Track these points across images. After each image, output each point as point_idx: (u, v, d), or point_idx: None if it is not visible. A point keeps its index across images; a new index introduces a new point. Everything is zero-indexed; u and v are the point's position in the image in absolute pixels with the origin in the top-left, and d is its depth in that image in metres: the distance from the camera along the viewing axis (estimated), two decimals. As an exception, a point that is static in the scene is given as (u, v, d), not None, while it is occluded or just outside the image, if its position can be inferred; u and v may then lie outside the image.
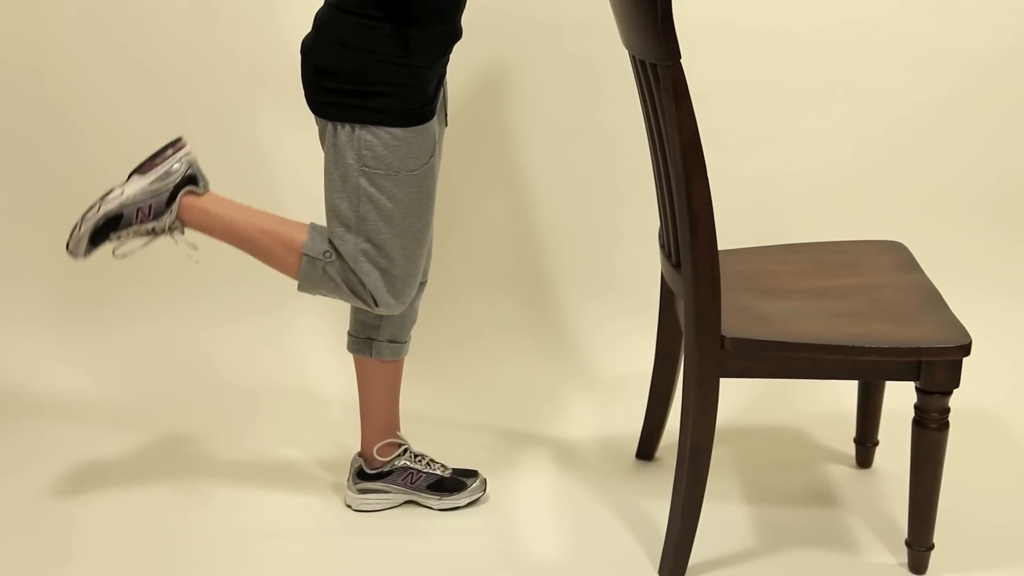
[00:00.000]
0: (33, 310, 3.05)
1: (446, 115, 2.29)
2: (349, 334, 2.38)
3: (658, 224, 2.97)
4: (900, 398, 2.72)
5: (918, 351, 2.01)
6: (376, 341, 2.35)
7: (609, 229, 3.09)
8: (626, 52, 2.91)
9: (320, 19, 2.09)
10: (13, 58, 2.97)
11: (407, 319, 2.37)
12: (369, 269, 2.16)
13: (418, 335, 2.95)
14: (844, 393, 2.88)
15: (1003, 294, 3.08)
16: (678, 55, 1.92)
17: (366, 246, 2.15)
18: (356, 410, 2.78)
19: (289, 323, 3.05)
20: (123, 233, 2.20)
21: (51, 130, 3.01)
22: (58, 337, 3.02)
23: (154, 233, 2.22)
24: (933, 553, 2.21)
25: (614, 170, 3.06)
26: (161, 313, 3.06)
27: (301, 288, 2.22)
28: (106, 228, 2.19)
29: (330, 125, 2.10)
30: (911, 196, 3.08)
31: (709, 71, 2.96)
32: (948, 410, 2.08)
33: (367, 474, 2.41)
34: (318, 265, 2.18)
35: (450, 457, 2.61)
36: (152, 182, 2.19)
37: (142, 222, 2.19)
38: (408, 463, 2.42)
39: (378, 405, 2.40)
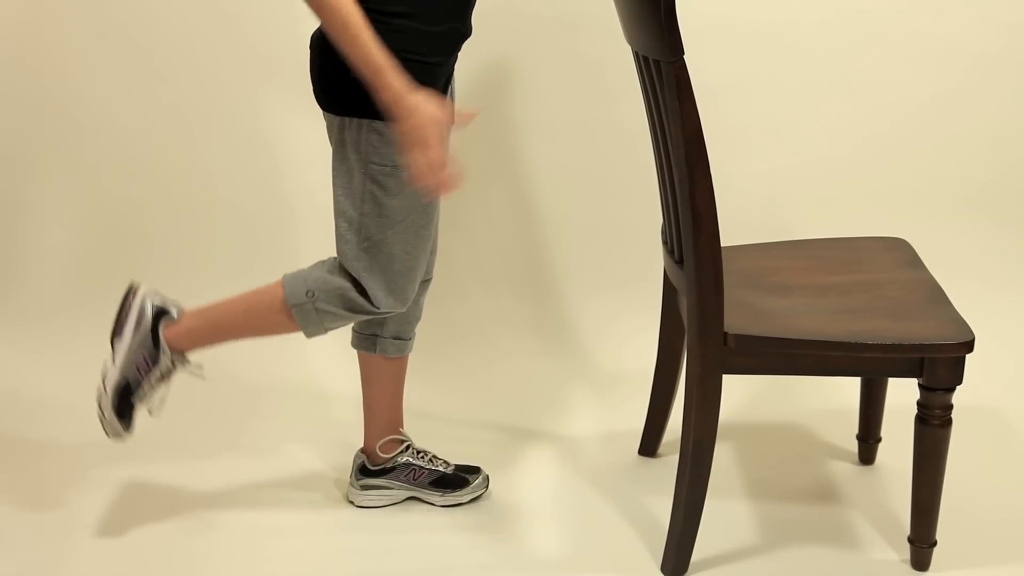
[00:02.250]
0: (30, 309, 3.05)
1: (452, 113, 2.28)
2: (353, 330, 2.38)
3: (661, 220, 2.97)
4: (903, 395, 2.72)
5: (921, 348, 2.01)
6: (380, 338, 2.35)
7: (612, 225, 3.09)
8: (629, 48, 2.91)
9: None
10: (12, 53, 2.97)
11: (412, 316, 2.36)
12: (370, 267, 2.16)
13: (422, 332, 2.94)
14: (847, 390, 2.88)
15: (1007, 290, 3.08)
16: (681, 51, 1.92)
17: (367, 243, 2.15)
18: (359, 406, 2.78)
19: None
20: (142, 393, 2.24)
21: (50, 126, 3.01)
22: (58, 335, 3.02)
23: (164, 377, 2.25)
24: (936, 550, 2.21)
25: (617, 166, 3.05)
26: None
27: (310, 335, 2.22)
28: (125, 399, 2.24)
29: (337, 120, 2.10)
30: (914, 192, 3.07)
31: (712, 67, 2.96)
32: (951, 407, 2.08)
33: (370, 470, 2.42)
34: (308, 308, 2.18)
35: (453, 453, 2.61)
36: (131, 337, 2.22)
37: (148, 375, 2.23)
38: (411, 459, 2.42)
39: (381, 401, 2.40)
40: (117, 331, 2.23)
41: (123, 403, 2.23)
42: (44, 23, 2.96)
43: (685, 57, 1.94)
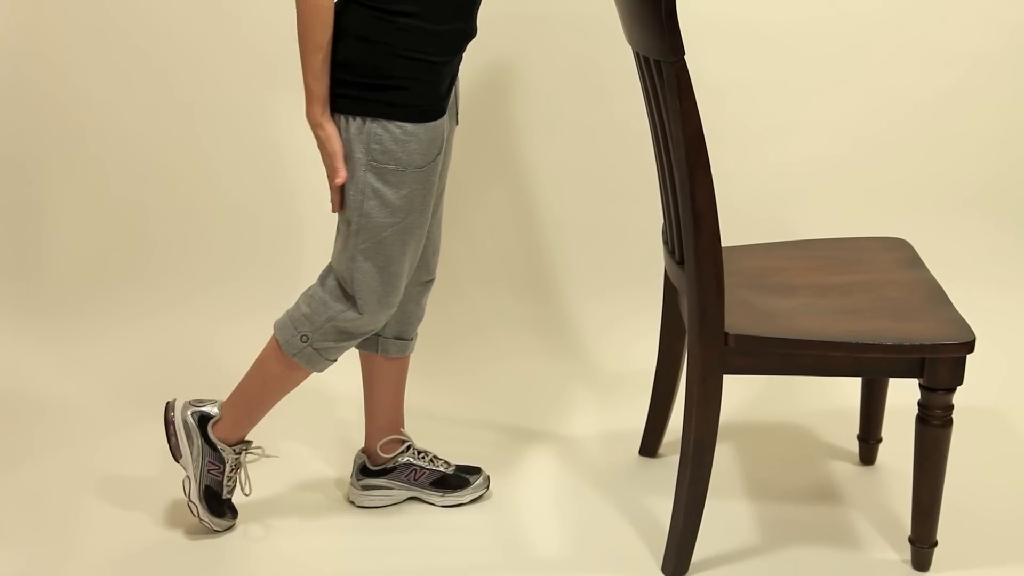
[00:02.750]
0: (30, 309, 3.05)
1: (456, 113, 2.29)
2: (354, 331, 2.38)
3: (661, 221, 2.97)
4: (904, 395, 2.72)
5: (921, 348, 2.01)
6: (382, 338, 2.35)
7: (613, 226, 3.09)
8: (630, 49, 2.91)
9: (335, 12, 2.08)
10: (17, 56, 2.97)
11: (413, 316, 2.36)
12: (367, 268, 2.16)
13: (423, 332, 2.94)
14: (847, 390, 2.88)
15: (1008, 291, 3.08)
16: (682, 52, 1.92)
17: (367, 244, 2.14)
18: (360, 406, 2.78)
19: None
20: (227, 488, 2.31)
21: (52, 127, 3.01)
22: (56, 336, 3.03)
23: (236, 468, 2.31)
24: (936, 550, 2.21)
25: (618, 166, 3.05)
26: (162, 310, 3.06)
27: (321, 371, 2.26)
28: (216, 500, 2.30)
29: (340, 118, 2.10)
30: (915, 192, 3.07)
31: (713, 67, 2.96)
32: (952, 407, 2.08)
33: (370, 470, 2.42)
34: (308, 351, 2.22)
35: (453, 454, 2.61)
36: (190, 450, 2.29)
37: (222, 473, 2.29)
38: (411, 460, 2.42)
39: (383, 401, 2.40)
40: (175, 453, 2.30)
41: (216, 504, 2.30)
42: (47, 25, 2.96)
43: (686, 57, 1.94)
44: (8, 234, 3.06)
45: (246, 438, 2.32)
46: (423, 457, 2.43)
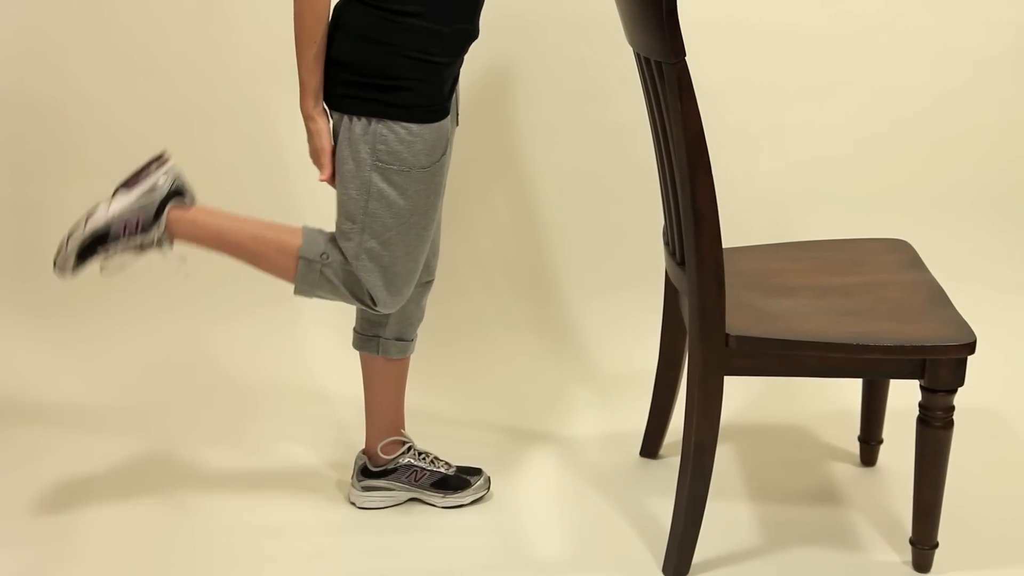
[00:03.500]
0: (30, 309, 3.05)
1: (457, 114, 2.29)
2: (355, 331, 2.38)
3: (662, 222, 2.97)
4: (905, 396, 2.72)
5: (922, 349, 2.01)
6: (382, 339, 2.35)
7: (614, 227, 3.09)
8: (631, 50, 2.91)
9: (339, 11, 2.08)
10: (14, 55, 2.97)
11: (413, 317, 2.36)
12: (371, 267, 2.16)
13: (424, 333, 2.94)
14: (848, 391, 2.88)
15: (1009, 292, 3.08)
16: (683, 53, 1.92)
17: (371, 244, 2.15)
18: (361, 407, 2.78)
19: (293, 320, 3.05)
20: (111, 248, 2.19)
21: (51, 129, 3.01)
22: (56, 336, 3.02)
23: (142, 248, 2.21)
24: (937, 551, 2.21)
25: (619, 168, 3.05)
26: (162, 311, 3.06)
27: (298, 292, 2.21)
28: (94, 244, 2.18)
29: (345, 118, 2.10)
30: (916, 194, 3.07)
31: (714, 68, 2.96)
32: (952, 408, 2.08)
33: (371, 471, 2.42)
34: (315, 267, 2.18)
35: (454, 455, 2.61)
36: (138, 197, 2.19)
37: (130, 237, 2.18)
38: (412, 461, 2.42)
39: (383, 402, 2.40)
40: (127, 184, 2.19)
41: (90, 247, 2.18)
42: (47, 26, 2.96)
43: (686, 58, 1.94)
44: (9, 235, 3.06)
45: (175, 242, 2.22)
46: (424, 458, 2.43)
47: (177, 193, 2.21)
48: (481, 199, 3.08)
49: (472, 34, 2.13)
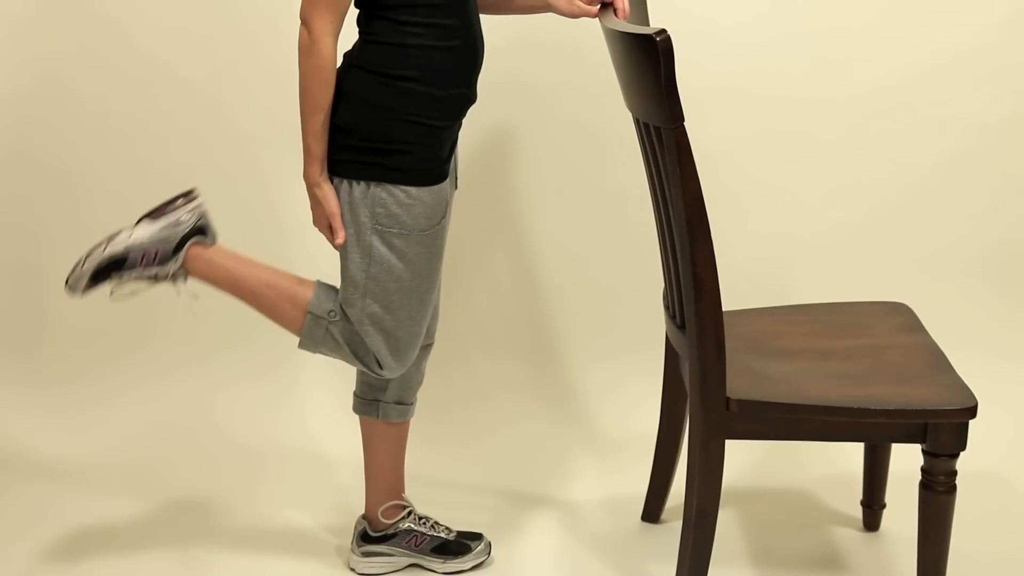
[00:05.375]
0: (34, 374, 3.05)
1: (456, 178, 2.30)
2: (355, 395, 2.38)
3: (662, 285, 2.98)
4: (907, 460, 2.70)
5: (924, 413, 2.00)
6: (382, 403, 2.35)
7: (614, 290, 3.09)
8: (630, 115, 2.93)
9: (340, 78, 2.10)
10: (14, 119, 2.99)
11: (413, 381, 2.36)
12: (374, 332, 2.17)
13: (423, 396, 2.93)
14: (851, 454, 2.86)
15: (1009, 356, 3.07)
16: (682, 118, 1.93)
17: (373, 308, 2.15)
18: (361, 472, 2.76)
19: (293, 383, 3.05)
20: (125, 275, 2.21)
21: (51, 194, 3.02)
22: (56, 403, 3.02)
23: (156, 279, 2.22)
24: (942, 617, 2.19)
25: (619, 231, 3.07)
26: (163, 375, 3.06)
27: (302, 346, 2.22)
28: (109, 268, 2.20)
29: (344, 183, 2.11)
30: (915, 257, 3.08)
31: (713, 133, 2.98)
32: (955, 473, 2.07)
33: (371, 536, 2.40)
34: (322, 324, 2.18)
35: (455, 519, 2.59)
36: (161, 228, 2.21)
37: (146, 267, 2.20)
38: (412, 525, 2.41)
39: (383, 467, 2.39)
40: (152, 215, 2.21)
41: (105, 270, 2.19)
42: (47, 91, 2.98)
43: (685, 123, 1.95)
44: (8, 300, 3.06)
45: (189, 279, 2.24)
46: (424, 523, 2.42)
47: (200, 231, 2.23)
48: (481, 263, 3.09)
49: (470, 98, 2.16)
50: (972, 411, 2.00)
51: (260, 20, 2.94)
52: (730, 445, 2.84)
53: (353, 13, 2.11)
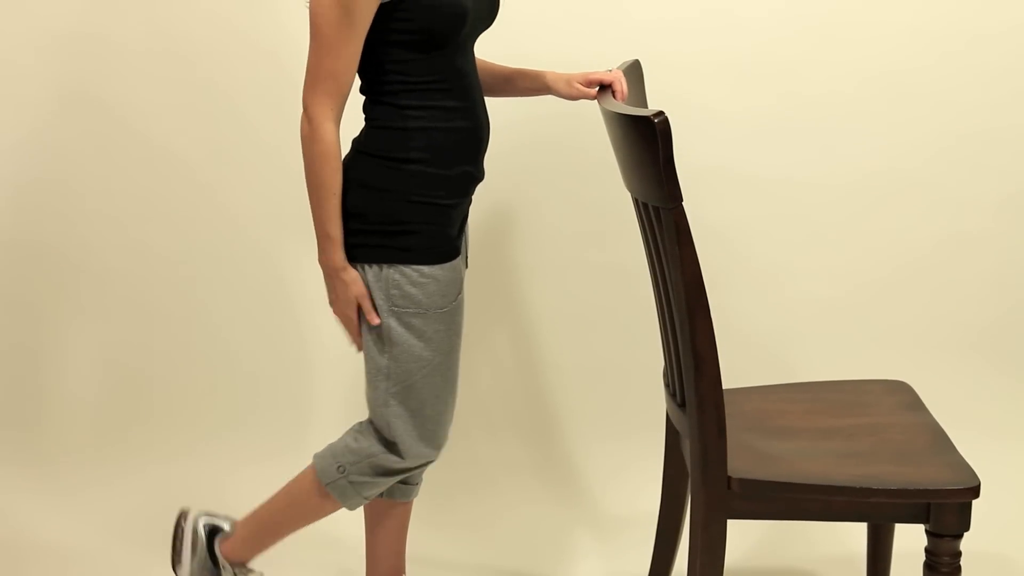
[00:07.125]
0: (33, 456, 3.04)
1: (467, 256, 2.31)
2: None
3: (662, 364, 2.98)
4: (911, 539, 2.68)
5: (927, 493, 1.99)
6: (388, 482, 2.33)
7: (614, 369, 3.10)
8: (629, 195, 2.95)
9: (347, 165, 2.12)
10: (14, 199, 3.02)
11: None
12: (399, 412, 2.15)
13: (424, 477, 2.93)
14: (854, 534, 2.84)
15: (1010, 435, 3.06)
16: (680, 199, 1.95)
17: (397, 388, 2.14)
18: (361, 553, 2.74)
19: (296, 465, 3.03)
20: None
21: (50, 275, 3.04)
22: (60, 483, 3.00)
23: None
24: None
25: (618, 310, 3.07)
26: (168, 457, 3.05)
27: (352, 508, 2.23)
28: None
29: (357, 267, 2.11)
30: (915, 335, 3.08)
31: (711, 211, 3.00)
32: (959, 554, 2.05)
33: (371, 618, 2.37)
34: (343, 483, 2.20)
35: (455, 601, 2.57)
36: (191, 561, 2.28)
37: None
38: (412, 607, 2.38)
39: (385, 547, 2.37)
40: (176, 559, 2.27)
41: None
42: (45, 169, 3.01)
43: (684, 203, 1.97)
44: (7, 381, 3.06)
45: (249, 564, 2.28)
46: (424, 605, 2.39)
47: (215, 531, 2.29)
48: (482, 342, 3.09)
49: (476, 176, 2.17)
50: (975, 491, 1.99)
51: (259, 103, 2.98)
52: (732, 525, 2.82)
53: (359, 100, 2.14)
